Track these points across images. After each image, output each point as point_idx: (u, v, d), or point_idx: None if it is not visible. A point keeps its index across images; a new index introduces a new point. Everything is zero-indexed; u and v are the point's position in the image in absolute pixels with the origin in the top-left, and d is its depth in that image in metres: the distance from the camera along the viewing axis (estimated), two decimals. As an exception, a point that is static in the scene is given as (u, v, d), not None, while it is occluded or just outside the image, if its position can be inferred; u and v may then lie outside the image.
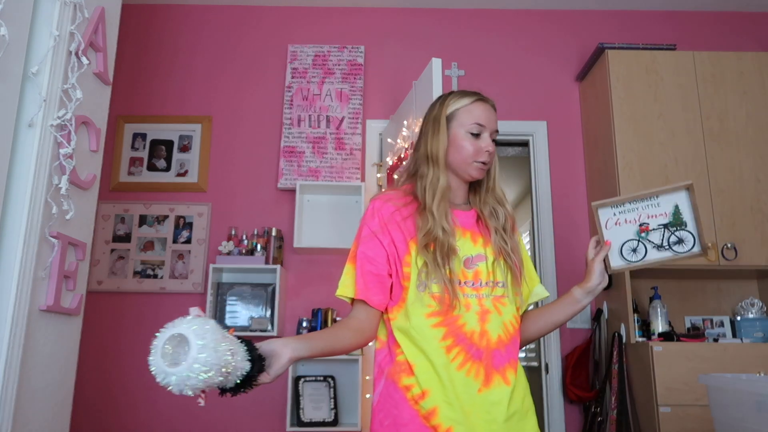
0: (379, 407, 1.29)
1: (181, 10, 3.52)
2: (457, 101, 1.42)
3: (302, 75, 3.38)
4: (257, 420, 2.98)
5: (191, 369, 0.95)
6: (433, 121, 1.43)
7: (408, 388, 1.27)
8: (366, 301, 1.33)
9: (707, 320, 3.00)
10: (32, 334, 1.57)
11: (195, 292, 3.10)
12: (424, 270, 1.29)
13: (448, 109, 1.42)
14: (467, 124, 1.39)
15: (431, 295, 1.29)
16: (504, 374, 1.30)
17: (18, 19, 1.55)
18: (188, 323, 1.00)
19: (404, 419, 1.25)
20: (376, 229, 1.34)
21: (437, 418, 1.24)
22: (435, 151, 1.38)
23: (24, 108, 1.58)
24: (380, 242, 1.33)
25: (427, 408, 1.25)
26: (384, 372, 1.32)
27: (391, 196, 1.40)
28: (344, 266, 1.38)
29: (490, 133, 1.40)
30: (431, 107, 1.47)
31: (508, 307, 1.35)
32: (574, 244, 3.21)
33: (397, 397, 1.27)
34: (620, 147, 2.89)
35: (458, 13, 3.53)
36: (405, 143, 2.73)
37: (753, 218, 2.81)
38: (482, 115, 1.40)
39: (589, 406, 2.91)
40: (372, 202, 1.39)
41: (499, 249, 1.37)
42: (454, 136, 1.40)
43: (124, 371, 3.02)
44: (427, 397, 1.25)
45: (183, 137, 3.32)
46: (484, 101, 1.43)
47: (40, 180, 1.58)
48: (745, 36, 3.46)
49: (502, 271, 1.36)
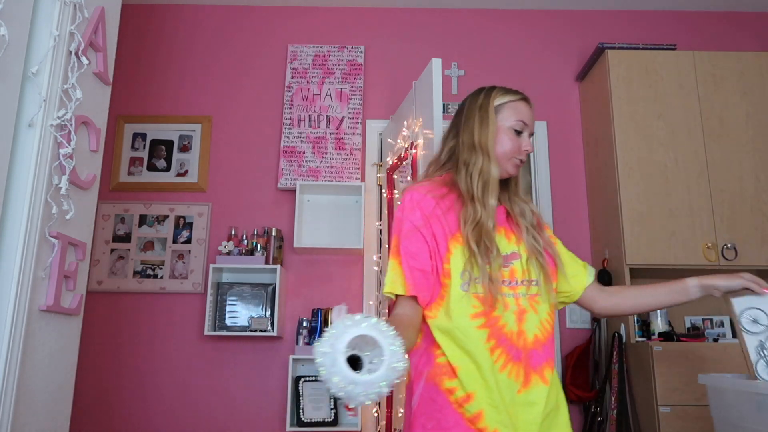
0: (421, 410, 1.26)
1: (180, 9, 3.52)
2: (503, 95, 1.42)
3: (302, 75, 3.38)
4: (257, 420, 2.98)
5: (385, 377, 0.83)
6: (480, 109, 1.40)
7: (451, 391, 1.24)
8: (417, 297, 1.28)
9: (707, 320, 3.00)
10: (32, 334, 1.57)
11: (195, 292, 3.10)
12: (469, 268, 1.26)
13: (495, 101, 1.41)
14: (512, 120, 1.39)
15: (475, 295, 1.26)
16: (542, 374, 1.28)
17: (18, 19, 1.55)
18: (368, 323, 0.85)
19: (449, 423, 1.22)
20: (418, 224, 1.30)
21: (483, 422, 1.21)
22: (484, 141, 1.36)
23: (24, 108, 1.58)
24: (423, 237, 1.29)
25: (473, 411, 1.22)
26: (423, 374, 1.28)
27: (428, 187, 1.37)
28: (389, 261, 1.34)
29: (529, 133, 1.41)
30: (473, 97, 1.45)
31: (543, 305, 1.33)
32: (574, 244, 3.21)
33: (440, 401, 1.24)
34: (620, 147, 2.89)
35: (458, 13, 3.53)
36: (405, 143, 2.73)
37: (753, 218, 2.81)
38: (526, 114, 1.41)
39: (589, 406, 2.91)
40: (409, 194, 1.34)
41: (531, 247, 1.36)
42: (500, 128, 1.39)
43: (124, 371, 3.02)
44: (472, 401, 1.22)
45: (183, 137, 3.32)
46: (527, 102, 1.44)
47: (40, 180, 1.58)
48: (745, 36, 3.46)
49: (536, 270, 1.34)
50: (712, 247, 2.77)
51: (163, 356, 3.04)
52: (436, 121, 2.28)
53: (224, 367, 3.04)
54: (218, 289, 3.02)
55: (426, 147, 2.39)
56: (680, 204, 2.82)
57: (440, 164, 1.43)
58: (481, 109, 1.40)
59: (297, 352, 2.88)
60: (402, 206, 1.34)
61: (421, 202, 1.32)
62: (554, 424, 1.29)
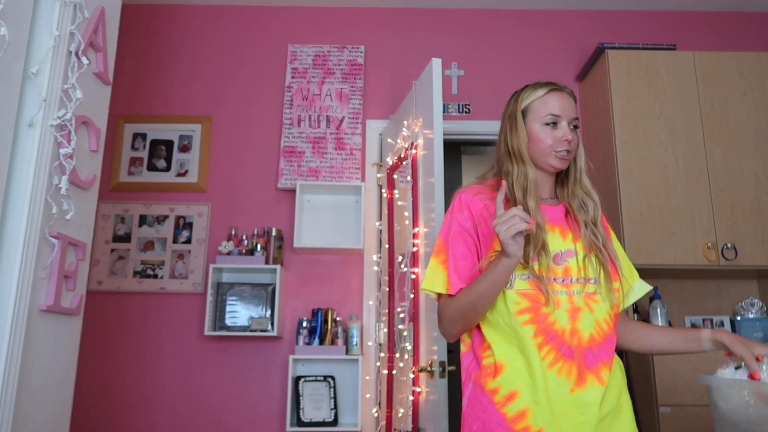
0: (468, 411, 1.29)
1: (180, 10, 3.52)
2: (530, 94, 1.43)
3: (302, 75, 3.38)
4: (257, 420, 2.98)
5: None
6: (509, 117, 1.43)
7: (494, 391, 1.26)
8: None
9: (707, 320, 3.00)
10: (32, 334, 1.57)
11: (195, 292, 3.10)
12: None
13: (523, 103, 1.42)
14: (541, 116, 1.39)
15: (519, 292, 1.27)
16: (598, 373, 1.26)
17: (18, 19, 1.55)
18: None
19: (492, 423, 1.24)
20: (467, 225, 1.34)
21: (526, 420, 1.22)
22: (516, 147, 1.38)
23: (24, 108, 1.58)
24: (471, 237, 1.33)
25: (516, 410, 1.23)
26: (471, 377, 1.32)
27: (478, 189, 1.40)
28: (430, 260, 1.36)
29: (569, 121, 1.39)
30: (507, 104, 1.48)
31: (601, 304, 1.31)
32: (574, 244, 3.21)
33: (485, 401, 1.26)
34: (620, 147, 2.89)
35: (458, 13, 3.53)
36: (405, 143, 2.73)
37: (753, 218, 2.81)
38: (557, 104, 1.40)
39: (589, 406, 2.90)
40: (459, 195, 1.39)
41: (590, 244, 1.35)
42: (530, 129, 1.39)
43: (125, 371, 3.02)
44: (515, 399, 1.23)
45: (183, 137, 3.32)
46: (559, 90, 1.43)
47: (40, 180, 1.58)
48: (745, 36, 3.46)
49: (594, 268, 1.33)
50: (712, 247, 2.77)
51: (163, 356, 3.04)
52: (437, 121, 2.27)
53: (224, 367, 3.04)
54: (218, 289, 3.02)
55: (426, 147, 2.39)
56: (680, 204, 2.82)
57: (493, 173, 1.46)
58: (510, 116, 1.43)
59: (297, 352, 2.88)
60: (451, 207, 1.38)
61: (470, 204, 1.36)
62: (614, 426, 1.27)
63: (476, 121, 3.34)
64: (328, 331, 2.93)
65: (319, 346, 2.90)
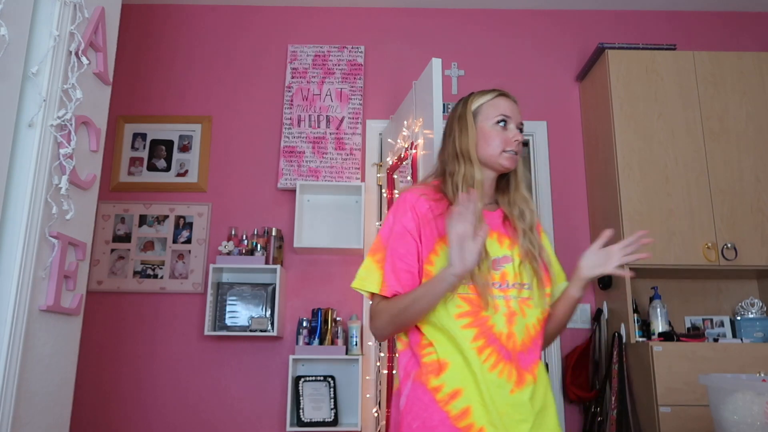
0: (407, 409, 1.28)
1: (180, 9, 3.52)
2: (480, 98, 1.46)
3: (302, 75, 3.38)
4: (257, 420, 2.98)
5: None
6: (459, 119, 1.45)
7: (437, 389, 1.26)
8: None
9: (707, 320, 3.00)
10: (32, 334, 1.57)
11: (195, 292, 3.10)
12: None
13: (473, 105, 1.46)
14: (493, 117, 1.42)
15: (460, 296, 1.29)
16: (533, 373, 1.31)
17: (18, 19, 1.55)
18: None
19: (434, 421, 1.24)
20: (410, 227, 1.33)
21: (469, 418, 1.23)
22: (465, 147, 1.40)
23: (24, 108, 1.58)
24: (413, 239, 1.32)
25: (459, 408, 1.24)
26: (410, 375, 1.31)
27: (423, 190, 1.40)
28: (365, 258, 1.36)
29: (516, 124, 1.43)
30: (453, 109, 1.50)
31: (534, 309, 1.35)
32: (574, 243, 3.21)
33: (426, 399, 1.26)
34: (620, 147, 2.89)
35: (458, 13, 3.53)
36: (405, 143, 2.73)
37: (753, 218, 2.81)
38: (507, 107, 1.44)
39: (589, 406, 2.91)
40: (404, 196, 1.38)
41: (526, 251, 1.38)
42: (481, 129, 1.42)
43: (124, 371, 3.02)
44: (459, 397, 1.24)
45: (183, 137, 3.32)
46: (506, 96, 1.47)
47: (40, 180, 1.58)
48: (745, 36, 3.46)
49: (528, 274, 1.36)
50: (712, 247, 2.77)
51: (163, 356, 3.04)
52: (437, 121, 2.27)
53: (224, 367, 3.04)
54: (218, 289, 3.02)
55: (426, 147, 2.39)
56: (680, 204, 2.82)
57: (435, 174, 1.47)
58: (459, 118, 1.45)
59: (297, 352, 2.88)
60: (395, 207, 1.37)
61: (415, 205, 1.35)
62: (545, 423, 1.30)
63: (476, 121, 3.33)
64: (328, 331, 2.93)
65: (319, 346, 2.90)
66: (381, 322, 1.31)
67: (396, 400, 1.34)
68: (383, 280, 1.31)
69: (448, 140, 1.45)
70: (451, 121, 1.48)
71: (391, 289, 1.30)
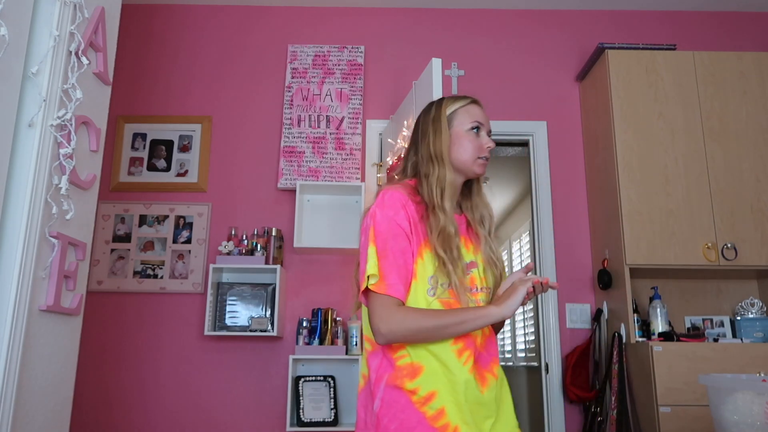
0: (383, 412, 1.28)
1: (180, 10, 3.52)
2: (454, 103, 1.48)
3: (302, 75, 3.38)
4: (257, 420, 2.98)
5: None
6: (433, 121, 1.46)
7: (414, 391, 1.28)
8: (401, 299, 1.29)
9: (707, 320, 3.00)
10: (32, 334, 1.57)
11: (195, 292, 3.10)
12: (439, 274, 1.31)
13: (448, 110, 1.46)
14: (467, 123, 1.44)
15: (441, 300, 1.31)
16: (492, 371, 1.38)
17: (18, 19, 1.55)
18: None
19: (412, 422, 1.26)
20: (404, 225, 1.32)
21: (445, 418, 1.26)
22: (439, 150, 1.41)
23: (24, 108, 1.58)
24: (407, 238, 1.32)
25: (435, 409, 1.26)
26: (383, 377, 1.31)
27: (408, 190, 1.39)
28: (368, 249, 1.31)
29: (487, 132, 1.47)
30: (425, 112, 1.51)
31: None
32: (574, 243, 3.22)
33: (403, 401, 1.27)
34: (620, 147, 2.89)
35: (458, 13, 3.53)
36: (405, 143, 2.73)
37: (753, 218, 2.81)
38: (480, 114, 1.47)
39: (589, 406, 2.91)
40: (392, 193, 1.35)
41: (488, 257, 1.43)
42: (456, 134, 1.44)
43: (124, 371, 3.02)
44: (434, 399, 1.27)
45: (183, 137, 3.32)
46: (478, 103, 1.49)
47: (40, 180, 1.58)
48: (745, 36, 3.46)
49: (489, 279, 1.42)
50: (712, 247, 2.77)
51: (163, 356, 3.04)
52: None
53: (224, 367, 3.04)
54: (218, 289, 3.02)
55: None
56: (680, 204, 2.82)
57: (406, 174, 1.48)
58: (434, 121, 1.46)
59: (297, 352, 2.88)
60: (386, 204, 1.33)
61: (407, 206, 1.34)
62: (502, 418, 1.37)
63: (476, 121, 3.33)
64: (328, 331, 2.93)
65: (319, 346, 2.90)
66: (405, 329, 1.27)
67: (365, 401, 1.35)
68: (386, 279, 1.28)
69: (422, 142, 1.46)
70: (424, 122, 1.48)
71: (396, 290, 1.28)
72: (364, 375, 1.38)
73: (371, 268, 1.29)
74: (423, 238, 1.33)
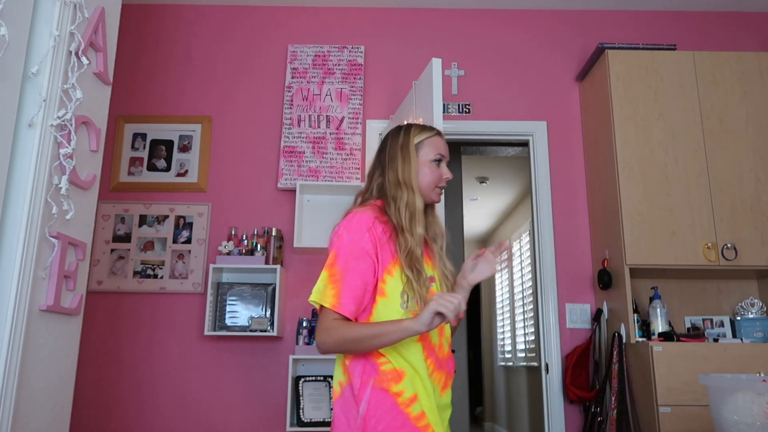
0: (370, 414, 1.37)
1: (180, 9, 3.52)
2: (421, 132, 1.59)
3: (302, 75, 3.38)
4: (257, 420, 2.98)
5: None
6: (402, 148, 1.57)
7: (398, 394, 1.38)
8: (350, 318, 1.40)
9: (707, 320, 3.00)
10: (32, 334, 1.57)
11: (195, 292, 3.11)
12: (408, 290, 1.43)
13: (415, 138, 1.58)
14: (432, 155, 1.57)
15: (412, 312, 1.42)
16: (452, 378, 1.52)
17: (18, 19, 1.55)
18: None
19: (398, 422, 1.36)
20: (367, 248, 1.42)
21: (425, 420, 1.39)
22: (408, 176, 1.53)
23: (24, 108, 1.58)
24: (371, 259, 1.42)
25: (418, 410, 1.38)
26: (369, 382, 1.40)
27: (376, 212, 1.49)
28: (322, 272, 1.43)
29: (446, 163, 1.61)
30: (393, 136, 1.61)
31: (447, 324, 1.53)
32: (574, 243, 3.22)
33: (389, 403, 1.37)
34: (620, 147, 2.89)
35: (458, 13, 3.53)
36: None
37: (753, 218, 2.81)
38: (442, 146, 1.60)
39: (589, 406, 2.91)
40: (360, 216, 1.45)
41: (442, 272, 1.57)
42: (421, 163, 1.56)
43: (124, 371, 3.02)
44: (415, 402, 1.39)
45: (183, 137, 3.32)
46: (441, 135, 1.62)
47: (40, 180, 1.58)
48: (745, 36, 3.47)
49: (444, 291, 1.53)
50: (712, 247, 2.77)
51: (163, 356, 3.04)
52: (437, 122, 2.27)
53: (224, 367, 3.04)
54: (218, 289, 3.02)
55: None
56: (680, 204, 2.82)
57: (374, 198, 1.57)
58: (403, 148, 1.56)
59: (297, 352, 2.88)
60: (352, 227, 1.44)
61: (373, 228, 1.44)
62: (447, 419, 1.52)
63: (476, 121, 3.34)
64: (328, 331, 2.92)
65: (319, 346, 2.89)
66: (331, 340, 1.38)
67: (345, 407, 1.42)
68: (339, 298, 1.38)
69: (389, 165, 1.55)
70: (392, 147, 1.58)
71: (346, 308, 1.38)
72: (341, 382, 1.46)
73: (314, 294, 1.41)
74: (392, 256, 1.44)
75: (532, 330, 5.26)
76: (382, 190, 1.55)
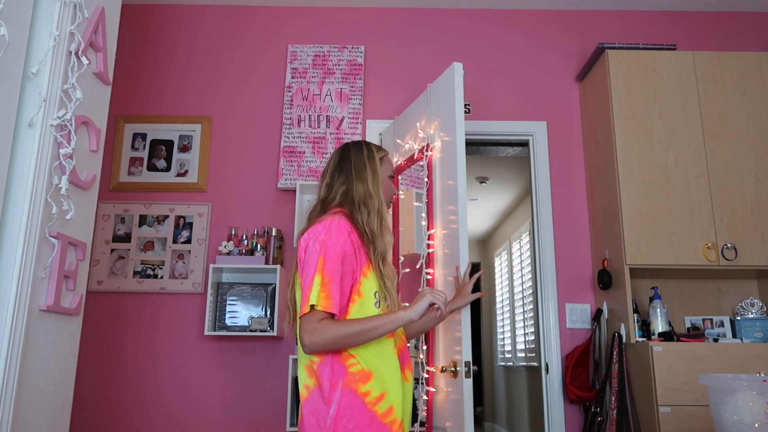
0: (341, 415, 1.46)
1: (180, 9, 3.52)
2: (380, 151, 1.80)
3: (302, 75, 3.38)
4: (257, 420, 2.98)
5: None
6: (370, 161, 1.73)
7: (366, 393, 1.49)
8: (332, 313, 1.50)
9: (707, 320, 3.00)
10: (32, 334, 1.57)
11: (195, 292, 3.11)
12: (382, 290, 1.59)
13: (378, 155, 1.78)
14: (389, 171, 1.81)
15: (384, 311, 1.57)
16: (410, 368, 1.65)
17: (18, 19, 1.55)
18: None
19: (366, 421, 1.47)
20: (349, 252, 1.54)
21: (392, 415, 1.51)
22: (376, 188, 1.69)
23: (24, 108, 1.58)
24: (350, 263, 1.53)
25: (386, 407, 1.50)
26: (338, 384, 1.49)
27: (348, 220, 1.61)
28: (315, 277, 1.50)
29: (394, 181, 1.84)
30: (357, 150, 1.76)
31: None
32: (574, 243, 3.22)
33: (358, 403, 1.48)
34: (620, 147, 2.89)
35: (458, 13, 3.53)
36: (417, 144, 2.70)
37: (753, 218, 2.81)
38: (393, 165, 1.85)
39: (589, 406, 2.91)
40: (340, 223, 1.56)
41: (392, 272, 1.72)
42: (382, 177, 1.76)
43: (124, 371, 3.02)
44: (385, 398, 1.51)
45: (183, 137, 3.32)
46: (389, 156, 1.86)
47: (40, 180, 1.58)
48: (745, 36, 3.46)
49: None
50: (712, 247, 2.77)
51: (163, 356, 3.04)
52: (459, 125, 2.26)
53: (224, 367, 3.04)
54: (218, 289, 3.02)
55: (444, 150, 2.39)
56: (680, 204, 2.82)
57: (335, 204, 1.68)
58: (370, 160, 1.73)
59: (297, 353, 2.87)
60: (334, 232, 1.54)
61: (351, 233, 1.57)
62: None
63: (476, 121, 3.34)
64: (328, 331, 2.93)
65: (319, 346, 2.89)
66: (323, 339, 1.46)
67: (314, 408, 1.50)
68: (330, 299, 1.47)
69: (357, 176, 1.69)
70: (358, 159, 1.73)
71: (336, 308, 1.48)
72: (307, 385, 1.54)
73: (314, 299, 1.47)
74: (366, 260, 1.58)
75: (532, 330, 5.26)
76: (346, 197, 1.66)
